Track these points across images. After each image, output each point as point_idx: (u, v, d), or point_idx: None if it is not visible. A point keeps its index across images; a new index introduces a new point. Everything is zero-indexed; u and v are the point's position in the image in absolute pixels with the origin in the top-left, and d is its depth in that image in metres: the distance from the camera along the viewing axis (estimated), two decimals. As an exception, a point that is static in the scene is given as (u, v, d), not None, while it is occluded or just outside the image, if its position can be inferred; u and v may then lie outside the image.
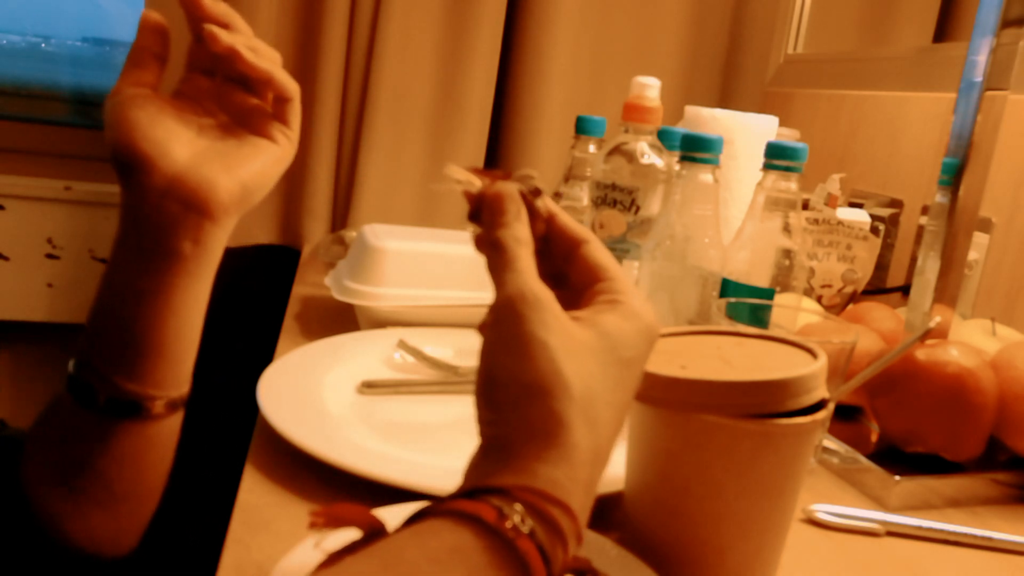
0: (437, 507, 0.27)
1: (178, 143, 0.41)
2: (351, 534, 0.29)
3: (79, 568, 0.45)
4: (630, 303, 0.32)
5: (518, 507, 0.26)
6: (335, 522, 0.28)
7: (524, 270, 0.30)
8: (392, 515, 0.41)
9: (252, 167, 0.43)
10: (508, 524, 0.26)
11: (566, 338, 0.29)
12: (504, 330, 0.29)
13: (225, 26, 0.40)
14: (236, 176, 0.42)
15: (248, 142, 0.43)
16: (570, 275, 0.34)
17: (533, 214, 0.33)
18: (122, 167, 0.40)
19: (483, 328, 0.30)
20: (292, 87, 0.44)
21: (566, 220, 0.35)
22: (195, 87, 0.44)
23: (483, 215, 0.33)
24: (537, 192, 0.33)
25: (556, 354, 0.28)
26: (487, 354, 0.30)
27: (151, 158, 0.40)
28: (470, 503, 0.26)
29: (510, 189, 0.33)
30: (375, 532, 0.28)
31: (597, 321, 0.31)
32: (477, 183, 0.34)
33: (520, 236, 0.31)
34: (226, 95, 0.44)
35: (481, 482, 0.28)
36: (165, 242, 0.41)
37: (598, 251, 0.34)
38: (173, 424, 0.45)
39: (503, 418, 0.29)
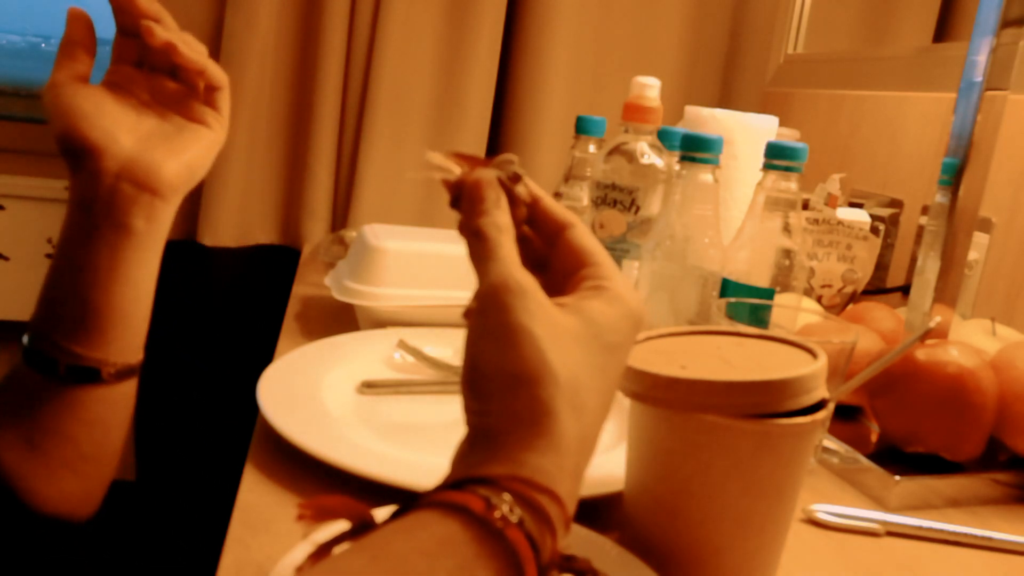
0: (425, 499, 0.27)
1: (123, 129, 0.44)
2: (340, 526, 0.28)
3: (46, 530, 0.47)
4: (615, 288, 0.32)
5: (507, 497, 0.26)
6: (323, 514, 0.28)
7: (506, 258, 0.30)
8: (386, 512, 0.41)
9: (194, 151, 0.47)
10: (497, 514, 0.26)
11: (551, 326, 0.29)
12: (488, 319, 0.29)
13: (156, 21, 0.44)
14: (181, 159, 0.46)
15: (187, 128, 0.47)
16: (554, 260, 0.34)
17: (513, 200, 0.33)
18: (73, 154, 0.43)
19: (468, 315, 0.30)
20: (222, 76, 0.48)
21: (550, 204, 0.34)
22: (125, 77, 0.47)
23: (462, 203, 0.32)
24: (516, 178, 0.33)
25: (541, 342, 0.28)
26: (472, 344, 0.30)
27: (102, 144, 0.43)
28: (458, 494, 0.26)
29: (489, 176, 0.32)
30: (364, 524, 0.28)
31: (582, 307, 0.31)
32: (456, 170, 0.33)
33: (501, 223, 0.31)
34: (157, 84, 0.47)
35: (469, 472, 0.28)
36: (120, 220, 0.44)
37: (583, 236, 0.34)
38: (131, 388, 0.48)
39: (489, 408, 0.29)
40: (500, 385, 0.29)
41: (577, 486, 0.29)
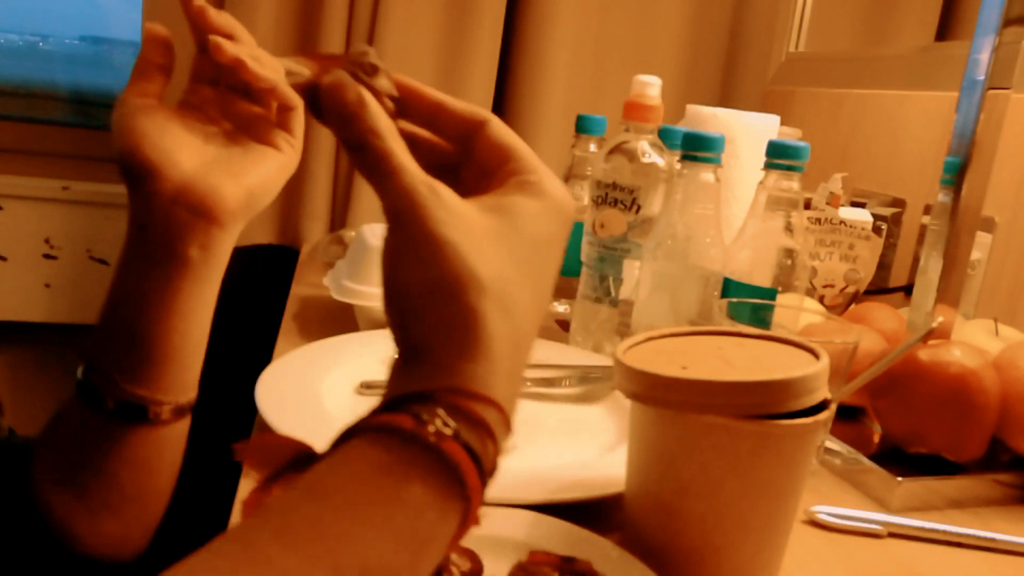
0: (359, 426, 0.26)
1: (185, 151, 0.41)
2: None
3: (87, 572, 0.45)
4: (539, 182, 0.31)
5: (440, 411, 0.26)
6: (262, 455, 0.28)
7: (404, 167, 0.28)
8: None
9: (257, 174, 0.43)
10: (430, 429, 0.25)
11: (467, 230, 0.28)
12: (401, 235, 0.28)
13: (229, 37, 0.41)
14: (242, 183, 0.42)
15: (253, 150, 0.44)
16: (472, 160, 0.33)
17: (377, 96, 0.29)
18: (131, 175, 0.41)
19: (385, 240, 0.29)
20: (296, 96, 0.44)
21: (456, 104, 0.33)
22: (200, 97, 0.44)
23: (326, 113, 0.29)
24: (374, 69, 0.30)
25: (460, 248, 0.27)
26: (389, 263, 0.29)
27: (159, 166, 0.40)
28: (389, 416, 0.26)
29: (344, 77, 0.29)
30: (306, 458, 0.27)
31: (503, 204, 0.30)
32: (306, 72, 0.31)
33: (381, 129, 0.29)
34: (230, 104, 0.44)
35: (400, 391, 0.27)
36: (173, 248, 0.41)
37: (500, 131, 0.32)
38: (181, 428, 0.46)
39: (415, 324, 0.28)
40: (423, 300, 0.28)
41: (515, 387, 0.29)
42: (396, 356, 0.29)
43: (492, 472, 0.27)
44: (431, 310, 0.28)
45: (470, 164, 0.33)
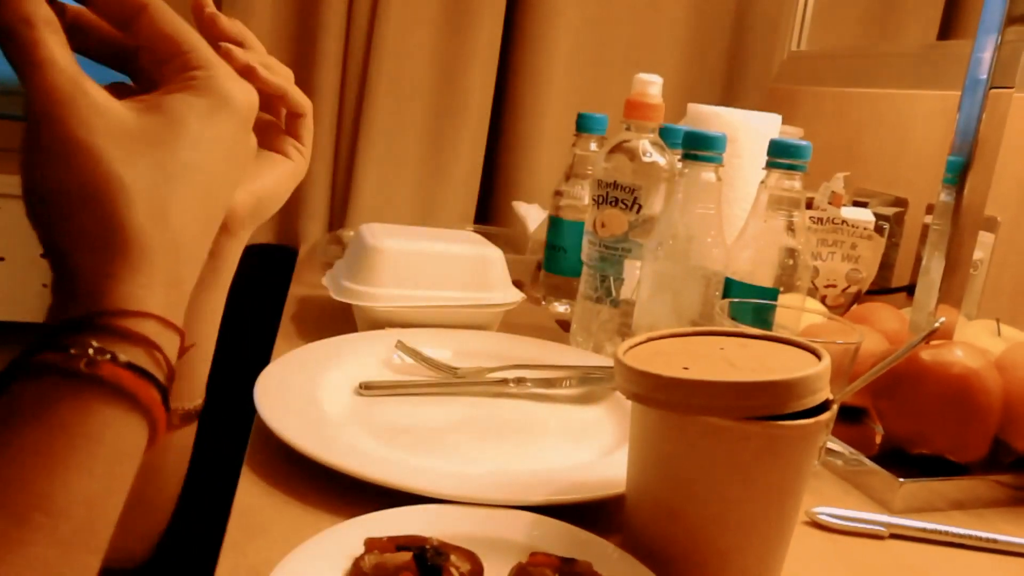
0: (14, 367, 0.26)
1: None
2: None
3: None
4: (207, 78, 0.29)
5: (92, 340, 0.25)
6: None
7: (50, 60, 0.27)
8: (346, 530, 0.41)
9: (266, 181, 0.43)
10: (83, 362, 0.25)
11: (115, 135, 0.27)
12: (42, 136, 0.27)
13: (240, 44, 0.40)
14: (251, 190, 0.42)
15: (262, 156, 0.43)
16: (141, 51, 0.31)
17: None
18: None
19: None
20: (305, 103, 0.44)
21: None
22: None
23: None
24: None
25: (104, 153, 0.26)
26: (26, 164, 0.27)
27: None
28: (41, 355, 0.25)
29: None
30: None
31: (162, 104, 0.28)
32: None
33: (33, 16, 0.27)
34: None
35: (54, 319, 0.27)
36: None
37: (163, 19, 0.30)
38: (187, 434, 0.45)
39: (61, 234, 0.27)
40: (65, 209, 0.27)
41: (179, 292, 0.28)
42: (52, 276, 0.28)
43: (169, 378, 0.28)
44: (75, 219, 0.27)
45: (144, 55, 0.31)
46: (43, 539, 0.24)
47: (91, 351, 0.25)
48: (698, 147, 0.64)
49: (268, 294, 1.11)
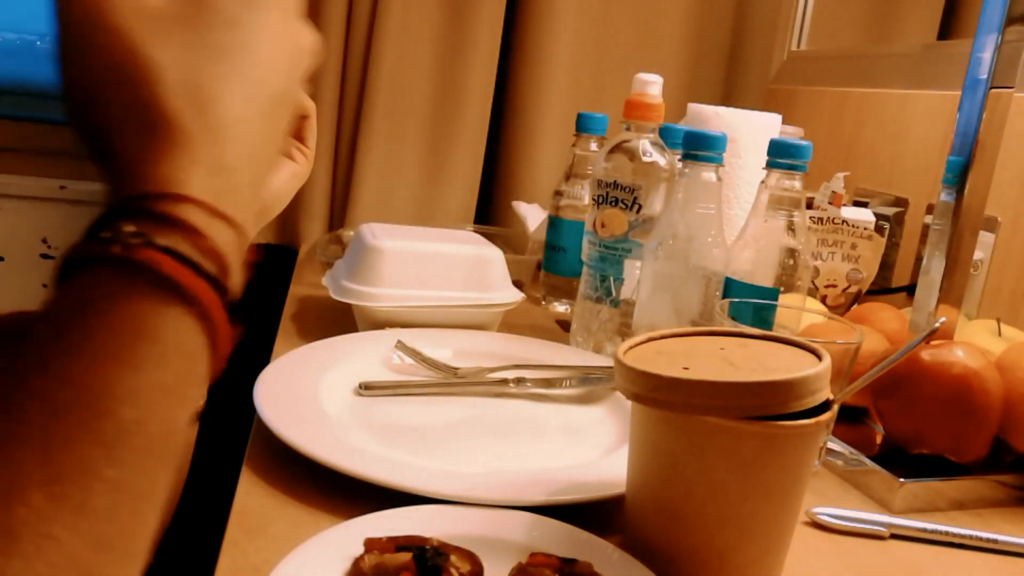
0: (63, 260, 0.25)
1: None
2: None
3: None
4: None
5: (125, 225, 0.24)
6: None
7: None
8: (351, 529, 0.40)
9: (271, 183, 0.42)
10: (117, 248, 0.24)
11: (143, 15, 0.26)
12: (70, 21, 0.26)
13: None
14: None
15: None
16: None
17: None
18: None
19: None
20: (309, 105, 0.44)
21: None
22: None
23: None
24: None
25: (131, 33, 0.26)
26: (62, 54, 0.26)
27: None
28: (83, 245, 0.24)
29: None
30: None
31: None
32: None
33: None
34: None
35: (97, 215, 0.26)
36: None
37: None
38: (190, 434, 0.45)
39: (97, 126, 0.26)
40: (99, 94, 0.26)
41: (228, 180, 0.27)
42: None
43: (224, 272, 0.25)
44: (109, 104, 0.26)
45: None
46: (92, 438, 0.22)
47: (125, 235, 0.24)
48: (698, 147, 0.64)
49: (268, 294, 1.11)
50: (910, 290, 0.84)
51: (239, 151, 0.27)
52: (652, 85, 0.72)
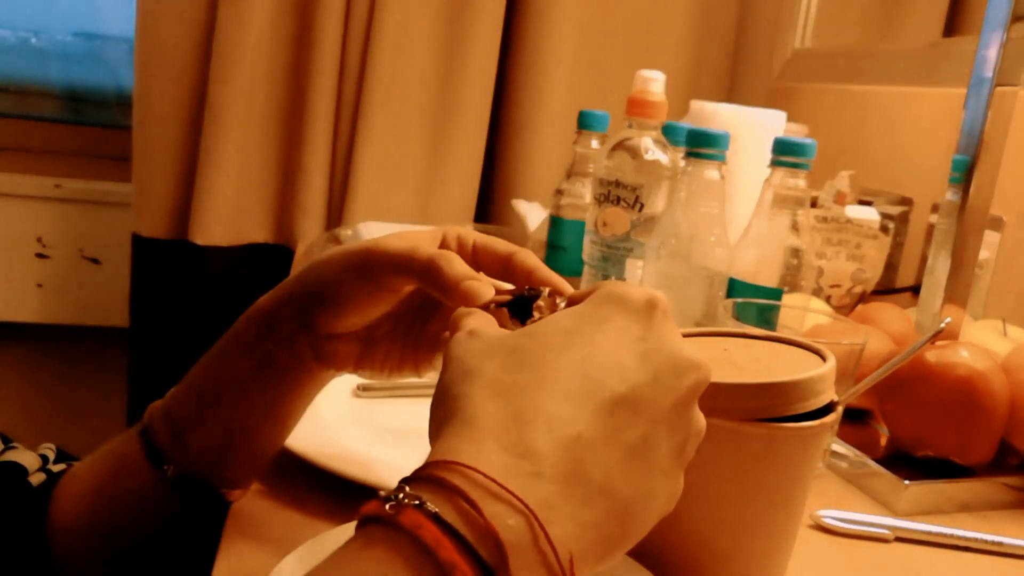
0: (361, 516, 0.27)
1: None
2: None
3: None
4: (583, 292, 0.34)
5: (407, 487, 0.26)
6: None
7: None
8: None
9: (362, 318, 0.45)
10: (387, 507, 0.25)
11: (475, 347, 0.31)
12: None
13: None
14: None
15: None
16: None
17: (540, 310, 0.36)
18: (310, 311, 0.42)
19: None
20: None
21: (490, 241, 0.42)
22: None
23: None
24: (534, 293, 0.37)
25: (465, 359, 0.30)
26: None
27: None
28: (370, 505, 0.26)
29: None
30: None
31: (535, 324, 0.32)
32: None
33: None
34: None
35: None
36: (306, 362, 0.42)
37: (529, 259, 0.41)
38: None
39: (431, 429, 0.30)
40: (435, 412, 0.30)
41: (516, 460, 0.27)
42: None
43: (494, 550, 0.25)
44: (437, 410, 0.30)
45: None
46: None
47: (401, 496, 0.26)
48: (701, 145, 0.63)
49: (264, 294, 1.11)
50: (915, 290, 0.84)
51: (546, 429, 0.28)
52: (654, 82, 0.71)
